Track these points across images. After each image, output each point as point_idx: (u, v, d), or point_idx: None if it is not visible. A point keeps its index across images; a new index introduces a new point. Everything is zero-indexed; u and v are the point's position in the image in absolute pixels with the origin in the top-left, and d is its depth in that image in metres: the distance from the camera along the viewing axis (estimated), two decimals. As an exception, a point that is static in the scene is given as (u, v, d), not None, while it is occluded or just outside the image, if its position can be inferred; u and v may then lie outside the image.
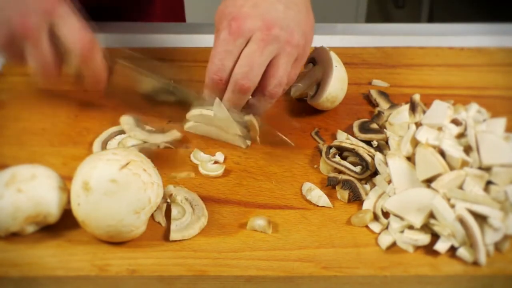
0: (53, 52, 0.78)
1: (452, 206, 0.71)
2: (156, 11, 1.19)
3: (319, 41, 1.03)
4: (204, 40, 1.04)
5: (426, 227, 0.72)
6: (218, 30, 0.79)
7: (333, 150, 0.81)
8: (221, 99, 0.80)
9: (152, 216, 0.73)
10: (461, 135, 0.77)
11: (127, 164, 0.69)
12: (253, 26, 0.77)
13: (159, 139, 0.83)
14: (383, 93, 0.91)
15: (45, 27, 0.77)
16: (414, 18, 2.39)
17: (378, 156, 0.78)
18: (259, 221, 0.73)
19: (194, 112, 0.83)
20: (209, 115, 0.82)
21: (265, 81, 0.79)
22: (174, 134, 0.84)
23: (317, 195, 0.77)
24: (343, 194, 0.77)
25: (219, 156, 0.82)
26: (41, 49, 0.77)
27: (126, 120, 0.85)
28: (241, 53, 0.78)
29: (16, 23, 0.76)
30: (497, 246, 0.71)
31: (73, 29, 0.78)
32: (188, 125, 0.85)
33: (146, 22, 1.13)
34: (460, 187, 0.72)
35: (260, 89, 0.80)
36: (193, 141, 0.85)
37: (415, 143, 0.76)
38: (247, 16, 0.77)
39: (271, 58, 0.78)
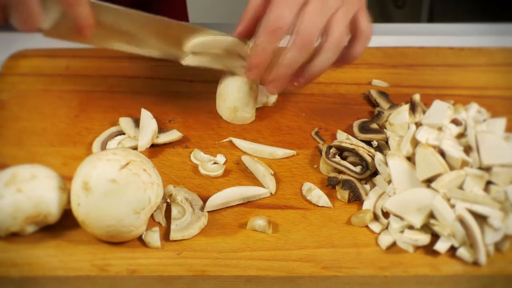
0: (36, 3, 0.75)
1: (452, 206, 0.71)
2: (158, 11, 1.19)
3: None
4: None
5: (426, 227, 0.72)
6: None
7: (333, 150, 0.81)
8: (272, 55, 0.80)
9: (152, 216, 0.73)
10: (461, 135, 0.77)
11: (127, 164, 0.69)
12: None
13: (159, 139, 0.83)
14: (383, 93, 0.91)
15: None
16: (414, 18, 2.39)
17: (378, 156, 0.78)
18: (259, 221, 0.73)
19: (195, 41, 0.84)
20: (212, 41, 0.83)
21: (330, 30, 0.79)
22: (174, 134, 0.84)
23: (317, 195, 0.77)
24: (343, 194, 0.77)
25: (220, 158, 0.82)
26: (25, 1, 0.74)
27: (125, 121, 0.85)
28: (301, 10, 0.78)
29: None
30: (497, 246, 0.71)
31: None
32: (186, 60, 0.86)
33: None
34: (460, 187, 0.72)
35: (328, 39, 0.79)
36: (193, 141, 0.85)
37: (415, 143, 0.76)
38: None
39: (334, 11, 0.79)
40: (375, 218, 0.75)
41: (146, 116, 0.85)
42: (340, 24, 0.80)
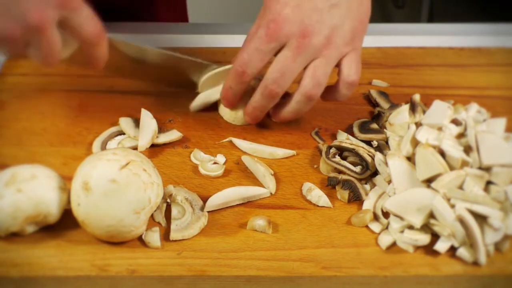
0: (59, 42, 0.78)
1: (452, 206, 0.71)
2: (158, 11, 1.20)
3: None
4: (207, 40, 1.04)
5: (426, 227, 0.72)
6: (259, 19, 0.80)
7: (333, 150, 0.81)
8: (240, 93, 0.83)
9: (152, 216, 0.73)
10: (461, 135, 0.77)
11: (127, 164, 0.69)
12: (290, 32, 0.78)
13: (159, 139, 0.83)
14: (383, 93, 0.91)
15: (56, 19, 0.77)
16: (414, 18, 2.39)
17: (378, 156, 0.78)
18: (259, 221, 0.73)
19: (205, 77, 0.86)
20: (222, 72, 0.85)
21: (303, 82, 0.80)
22: (174, 134, 0.84)
23: (317, 195, 0.77)
24: (343, 194, 0.77)
25: (220, 158, 0.82)
26: (50, 41, 0.77)
27: (125, 121, 0.85)
28: (274, 55, 0.79)
29: (33, 16, 0.75)
30: (497, 246, 0.71)
31: (86, 19, 0.78)
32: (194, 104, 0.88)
33: (148, 22, 1.13)
34: (460, 187, 0.72)
35: (299, 90, 0.80)
36: (193, 141, 0.85)
37: (415, 143, 0.76)
38: (286, 21, 0.78)
39: (309, 62, 0.79)
40: (375, 218, 0.75)
41: (146, 116, 0.85)
42: (316, 73, 0.80)
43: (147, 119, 0.84)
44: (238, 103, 0.85)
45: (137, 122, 0.85)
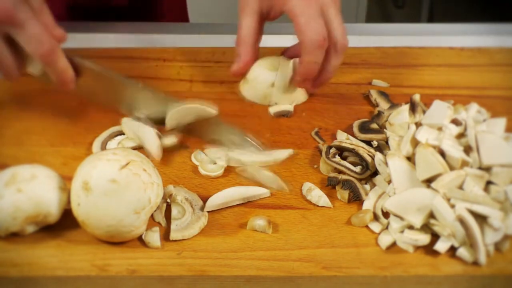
0: (11, 56, 0.79)
1: (452, 206, 0.71)
2: (159, 11, 1.20)
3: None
4: (207, 40, 1.04)
5: (426, 227, 0.72)
6: (286, 3, 0.83)
7: (333, 150, 0.81)
8: (319, 63, 0.84)
9: (152, 216, 0.73)
10: (461, 135, 0.77)
11: (127, 164, 0.69)
12: None
13: (165, 142, 0.83)
14: (383, 93, 0.91)
15: (1, 34, 0.77)
16: (414, 18, 2.39)
17: (378, 156, 0.78)
18: (259, 221, 0.73)
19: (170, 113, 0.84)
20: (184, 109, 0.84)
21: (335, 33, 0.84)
22: (172, 139, 0.83)
23: (317, 195, 0.77)
24: (343, 194, 0.77)
25: (221, 161, 0.81)
26: None
27: (126, 121, 0.85)
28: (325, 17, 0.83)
29: None
30: (497, 246, 0.71)
31: (32, 37, 0.77)
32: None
33: (148, 22, 1.13)
34: (460, 187, 0.72)
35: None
36: (193, 140, 0.85)
37: (415, 143, 0.76)
38: None
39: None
40: (375, 218, 0.75)
41: (139, 125, 0.84)
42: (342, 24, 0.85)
43: (141, 128, 0.83)
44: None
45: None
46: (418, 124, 0.79)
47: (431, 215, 0.71)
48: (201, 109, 0.83)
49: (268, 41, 0.91)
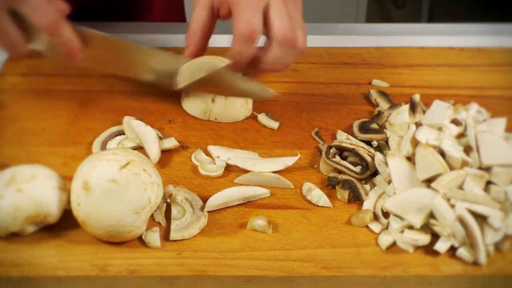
0: (16, 30, 0.79)
1: (452, 206, 0.71)
2: (155, 11, 1.20)
3: (320, 41, 1.03)
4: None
5: (426, 227, 0.72)
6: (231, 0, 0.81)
7: (333, 150, 0.81)
8: (250, 56, 0.81)
9: (152, 216, 0.73)
10: (461, 135, 0.77)
11: (127, 164, 0.69)
12: None
13: (165, 145, 0.83)
14: (383, 93, 0.91)
15: (4, 8, 0.78)
16: (414, 18, 2.39)
17: (378, 156, 0.78)
18: (259, 221, 0.73)
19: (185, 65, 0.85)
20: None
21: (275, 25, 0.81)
22: (172, 141, 0.83)
23: (317, 195, 0.77)
24: (343, 194, 0.77)
25: (221, 161, 0.81)
26: (3, 30, 0.78)
27: (127, 121, 0.85)
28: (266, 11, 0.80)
29: None
30: (497, 246, 0.71)
31: (35, 8, 0.78)
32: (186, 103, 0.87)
33: (144, 21, 1.13)
34: (460, 187, 0.72)
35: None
36: (193, 140, 0.85)
37: (415, 143, 0.76)
38: None
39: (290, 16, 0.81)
40: (375, 218, 0.75)
41: (140, 126, 0.84)
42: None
43: (142, 128, 0.84)
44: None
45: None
46: (418, 124, 0.79)
47: (431, 215, 0.71)
48: (213, 62, 0.83)
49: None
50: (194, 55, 0.86)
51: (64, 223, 0.72)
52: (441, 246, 0.70)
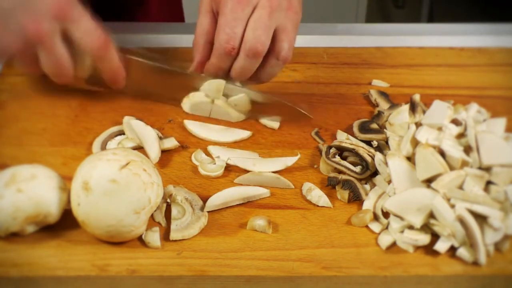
0: (67, 55, 0.79)
1: (452, 206, 0.71)
2: (152, 11, 1.19)
3: (319, 41, 1.03)
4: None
5: (426, 227, 0.72)
6: (221, 2, 0.81)
7: (333, 150, 0.81)
8: (229, 69, 0.83)
9: (152, 216, 0.73)
10: (461, 135, 0.77)
11: (127, 164, 0.69)
12: None
13: (165, 145, 0.83)
14: (383, 93, 0.91)
15: (58, 31, 0.78)
16: (414, 18, 2.39)
17: (378, 156, 0.78)
18: (259, 221, 0.73)
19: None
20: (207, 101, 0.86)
21: (277, 46, 0.82)
22: (172, 142, 0.83)
23: (317, 195, 0.77)
24: (343, 194, 0.77)
25: (221, 161, 0.81)
26: (55, 53, 0.79)
27: (127, 121, 0.85)
28: (248, 20, 0.80)
29: (29, 29, 0.77)
30: (497, 246, 0.71)
31: (87, 31, 0.79)
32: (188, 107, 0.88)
33: (142, 21, 1.13)
34: (460, 187, 0.72)
35: (274, 54, 0.82)
36: (192, 140, 0.85)
37: (415, 143, 0.76)
38: None
39: (277, 25, 0.81)
40: (375, 218, 0.75)
41: (140, 126, 0.84)
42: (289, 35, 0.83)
43: (142, 128, 0.84)
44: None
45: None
46: (418, 124, 0.79)
47: (431, 215, 0.71)
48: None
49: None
50: (201, 65, 0.86)
51: (64, 223, 0.72)
52: (441, 246, 0.70)
